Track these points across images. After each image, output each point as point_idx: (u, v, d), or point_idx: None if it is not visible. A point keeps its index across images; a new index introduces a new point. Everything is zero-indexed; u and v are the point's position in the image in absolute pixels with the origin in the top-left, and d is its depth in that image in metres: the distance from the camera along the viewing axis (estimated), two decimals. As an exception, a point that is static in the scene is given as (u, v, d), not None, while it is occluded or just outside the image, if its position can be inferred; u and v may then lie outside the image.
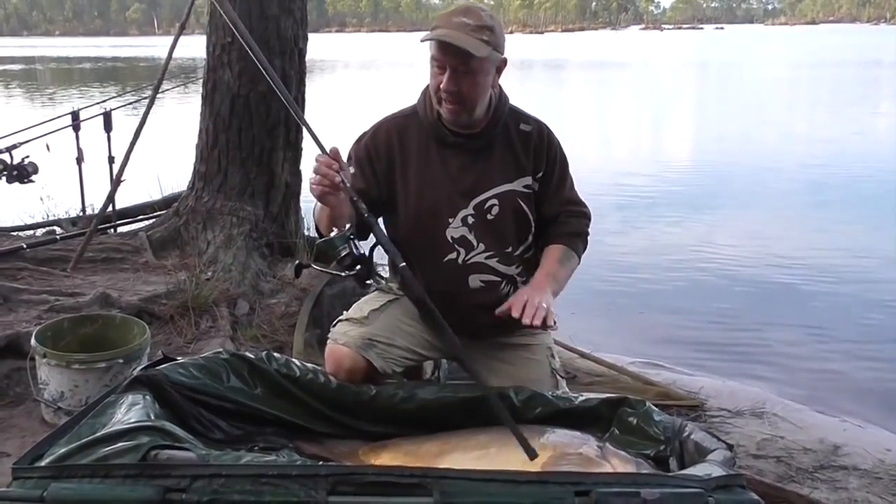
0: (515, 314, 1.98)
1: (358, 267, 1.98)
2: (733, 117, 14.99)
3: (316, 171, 1.94)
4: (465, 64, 2.03)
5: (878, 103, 17.35)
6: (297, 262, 2.15)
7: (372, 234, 2.07)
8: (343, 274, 2.00)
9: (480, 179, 2.19)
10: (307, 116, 4.72)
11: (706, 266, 5.65)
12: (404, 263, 2.03)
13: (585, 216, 2.31)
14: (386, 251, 2.04)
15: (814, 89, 21.01)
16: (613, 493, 1.40)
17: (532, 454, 1.78)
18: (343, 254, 1.97)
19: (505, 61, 2.14)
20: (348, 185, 1.97)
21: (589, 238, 2.32)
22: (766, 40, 63.50)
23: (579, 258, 2.27)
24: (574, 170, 2.34)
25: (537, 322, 1.97)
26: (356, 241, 2.00)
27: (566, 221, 2.27)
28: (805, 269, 5.55)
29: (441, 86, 2.06)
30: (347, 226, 2.01)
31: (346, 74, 30.72)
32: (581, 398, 2.09)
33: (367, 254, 2.01)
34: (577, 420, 2.03)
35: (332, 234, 1.98)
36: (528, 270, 2.27)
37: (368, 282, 2.04)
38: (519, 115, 2.26)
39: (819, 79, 24.28)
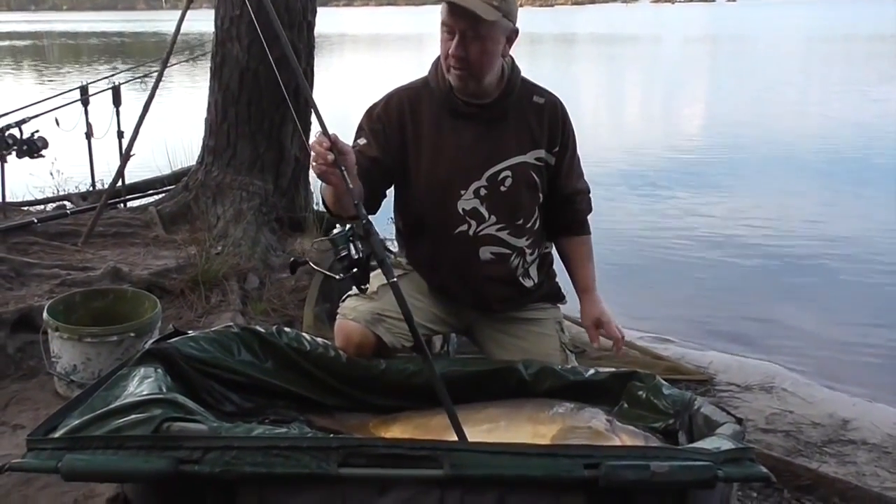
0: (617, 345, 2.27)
1: (354, 270, 1.91)
2: (747, 92, 14.83)
3: (312, 151, 1.89)
4: (473, 29, 2.01)
5: (893, 78, 17.14)
6: (291, 259, 2.12)
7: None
8: (337, 277, 1.93)
9: (494, 151, 2.18)
10: (316, 91, 4.76)
11: (716, 241, 5.63)
12: (395, 280, 1.88)
13: (587, 191, 2.37)
14: (379, 262, 1.90)
15: (828, 64, 20.73)
16: (623, 466, 1.41)
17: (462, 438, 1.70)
18: (342, 254, 1.91)
19: (516, 32, 2.13)
20: (344, 171, 1.86)
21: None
22: (778, 13, 62.74)
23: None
24: (586, 145, 2.35)
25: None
26: (357, 243, 1.92)
27: (580, 209, 2.35)
28: (816, 244, 5.52)
29: (450, 51, 2.05)
30: (348, 226, 1.94)
31: (355, 49, 30.55)
32: (590, 372, 2.10)
33: (364, 257, 1.92)
34: (587, 394, 2.03)
35: (335, 232, 1.93)
36: (536, 243, 2.28)
37: (364, 287, 1.95)
38: (532, 88, 2.25)
39: (834, 53, 23.96)
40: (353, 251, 1.90)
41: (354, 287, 1.97)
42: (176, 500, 1.48)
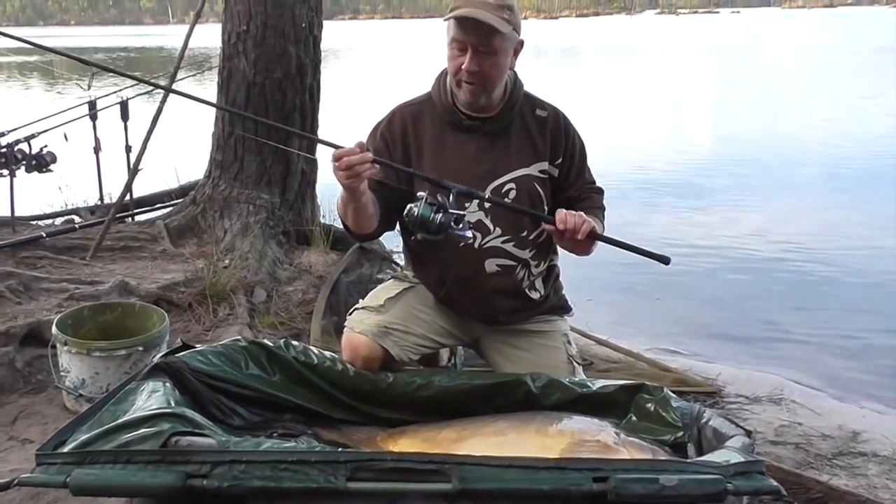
0: (560, 226, 2.01)
1: (454, 221, 2.02)
2: (752, 104, 14.80)
3: (349, 165, 1.89)
4: (486, 43, 2.02)
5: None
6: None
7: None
8: (456, 229, 2.02)
9: (498, 163, 2.19)
10: (323, 103, 4.78)
11: (723, 252, 5.61)
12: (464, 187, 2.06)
13: (602, 192, 2.35)
14: (463, 192, 2.06)
15: (833, 74, 20.69)
16: (632, 480, 1.40)
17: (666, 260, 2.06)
18: (440, 218, 1.98)
19: (522, 43, 2.14)
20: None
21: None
22: (783, 24, 62.79)
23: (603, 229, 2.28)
24: (591, 157, 2.35)
25: (581, 235, 2.00)
26: (440, 198, 2.01)
27: (589, 197, 2.30)
28: (823, 255, 5.50)
29: (463, 66, 2.05)
30: (420, 194, 2.01)
31: (361, 62, 30.65)
32: (598, 384, 2.09)
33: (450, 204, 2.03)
34: (595, 406, 2.03)
35: (415, 209, 1.98)
36: (540, 255, 2.28)
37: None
38: (534, 101, 2.26)
39: (838, 64, 23.89)
40: (444, 208, 1.99)
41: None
42: (184, 514, 1.48)
